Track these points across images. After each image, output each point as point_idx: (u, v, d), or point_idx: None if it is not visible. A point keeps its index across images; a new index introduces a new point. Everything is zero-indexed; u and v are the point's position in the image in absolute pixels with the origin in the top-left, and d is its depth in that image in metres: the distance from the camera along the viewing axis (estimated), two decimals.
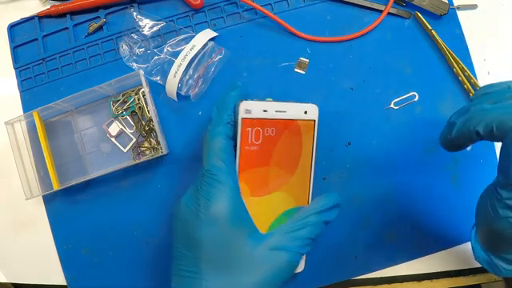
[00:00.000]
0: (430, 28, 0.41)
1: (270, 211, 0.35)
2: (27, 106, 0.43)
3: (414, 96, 0.42)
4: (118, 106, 0.43)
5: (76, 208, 0.43)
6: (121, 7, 0.43)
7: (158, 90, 0.42)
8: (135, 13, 0.42)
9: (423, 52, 0.42)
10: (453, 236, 0.42)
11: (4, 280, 0.44)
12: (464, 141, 0.30)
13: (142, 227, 0.42)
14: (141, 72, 0.40)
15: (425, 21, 0.41)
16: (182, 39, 0.42)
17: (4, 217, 0.44)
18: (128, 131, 0.43)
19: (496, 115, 0.27)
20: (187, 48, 0.39)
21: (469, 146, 0.34)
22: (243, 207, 0.32)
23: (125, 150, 0.43)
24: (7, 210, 0.44)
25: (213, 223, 0.30)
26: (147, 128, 0.42)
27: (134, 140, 0.42)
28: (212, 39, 0.41)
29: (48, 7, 0.43)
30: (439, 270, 0.43)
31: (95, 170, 0.43)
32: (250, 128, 0.34)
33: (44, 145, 0.41)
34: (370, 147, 0.42)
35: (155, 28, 0.42)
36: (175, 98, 0.41)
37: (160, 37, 0.42)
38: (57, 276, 0.43)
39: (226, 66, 0.42)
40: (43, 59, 0.43)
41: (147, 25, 0.42)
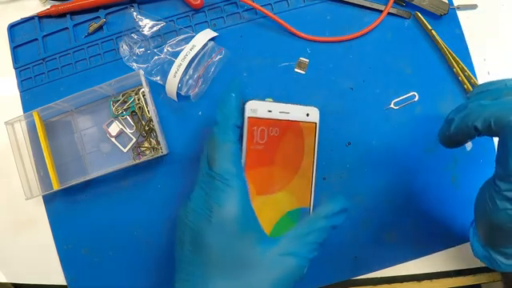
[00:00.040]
0: (430, 28, 0.41)
1: (274, 211, 0.35)
2: (27, 106, 0.43)
3: (414, 96, 0.42)
4: (118, 106, 0.43)
5: (76, 208, 0.43)
6: (121, 7, 0.43)
7: (158, 90, 0.42)
8: (135, 13, 0.42)
9: (423, 52, 0.42)
10: (453, 236, 0.42)
11: (4, 280, 0.44)
12: (462, 137, 0.30)
13: (142, 227, 0.42)
14: (141, 72, 0.40)
15: (425, 21, 0.41)
16: (182, 39, 0.42)
17: (4, 217, 0.44)
18: (128, 131, 0.43)
19: (494, 111, 0.27)
20: (187, 48, 0.39)
21: (468, 142, 0.34)
22: (252, 212, 0.32)
23: (125, 150, 0.43)
24: (7, 210, 0.44)
25: (224, 228, 0.30)
26: (147, 128, 0.42)
27: (134, 140, 0.42)
28: (212, 39, 0.41)
29: (48, 7, 0.43)
30: (439, 270, 0.43)
31: (95, 170, 0.43)
32: (256, 127, 0.34)
33: (44, 145, 0.41)
34: (370, 147, 0.42)
35: (155, 28, 0.42)
36: (175, 98, 0.41)
37: (160, 37, 0.42)
38: (57, 276, 0.43)
39: (226, 66, 0.42)
40: (43, 59, 0.43)
41: (147, 25, 0.42)
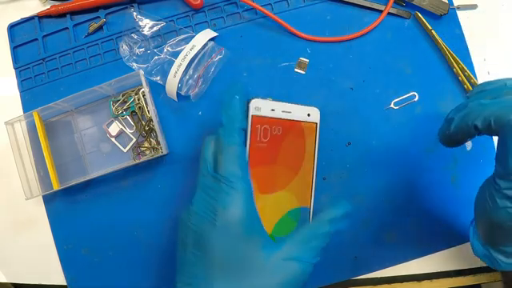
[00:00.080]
0: (430, 28, 0.41)
1: (275, 210, 0.35)
2: (27, 106, 0.43)
3: (414, 96, 0.42)
4: (118, 106, 0.43)
5: (76, 208, 0.43)
6: (121, 7, 0.43)
7: (158, 90, 0.42)
8: (135, 13, 0.42)
9: (423, 52, 0.42)
10: (453, 235, 0.42)
11: (4, 280, 0.44)
12: (462, 136, 0.30)
13: (142, 227, 0.42)
14: (141, 72, 0.40)
15: (425, 21, 0.41)
16: (182, 39, 0.42)
17: (4, 217, 0.44)
18: (128, 131, 0.43)
19: (494, 110, 0.27)
20: (187, 48, 0.39)
21: (468, 142, 0.34)
22: (257, 215, 0.32)
23: (125, 150, 0.43)
24: (7, 210, 0.44)
25: (228, 231, 0.30)
26: (147, 128, 0.42)
27: (134, 140, 0.42)
28: (212, 39, 0.41)
29: (48, 7, 0.43)
30: (439, 270, 0.43)
31: (95, 170, 0.43)
32: (259, 125, 0.34)
33: (44, 145, 0.41)
34: (370, 147, 0.42)
35: (155, 28, 0.42)
36: (175, 98, 0.41)
37: (160, 37, 0.42)
38: (57, 276, 0.43)
39: (226, 66, 0.42)
40: (43, 59, 0.43)
41: (147, 25, 0.42)
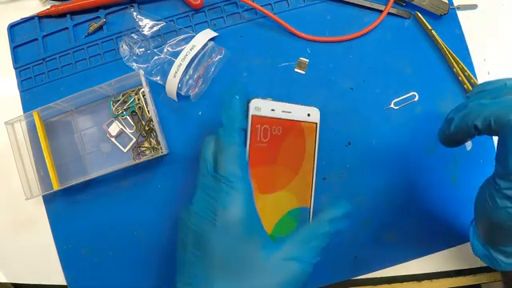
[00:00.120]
0: (430, 28, 0.41)
1: (275, 210, 0.35)
2: (27, 106, 0.43)
3: (414, 96, 0.42)
4: (118, 106, 0.43)
5: (76, 208, 0.43)
6: (121, 7, 0.43)
7: (158, 90, 0.42)
8: (135, 13, 0.42)
9: (423, 52, 0.42)
10: (453, 236, 0.42)
11: (4, 280, 0.44)
12: (462, 136, 0.30)
13: (142, 227, 0.42)
14: (141, 72, 0.40)
15: (425, 21, 0.41)
16: (182, 39, 0.42)
17: (4, 217, 0.44)
18: (128, 131, 0.43)
19: (494, 110, 0.27)
20: (187, 48, 0.39)
21: (467, 142, 0.34)
22: (257, 215, 0.32)
23: (125, 150, 0.43)
24: (7, 210, 0.44)
25: (229, 231, 0.30)
26: (147, 128, 0.42)
27: (134, 140, 0.42)
28: (212, 39, 0.41)
29: (48, 7, 0.43)
30: (439, 270, 0.43)
31: (95, 170, 0.43)
32: (259, 125, 0.34)
33: (44, 145, 0.41)
34: (370, 147, 0.42)
35: (155, 28, 0.42)
36: (175, 98, 0.41)
37: (160, 37, 0.42)
38: (57, 276, 0.43)
39: (226, 66, 0.42)
40: (43, 59, 0.43)
41: (147, 25, 0.42)
